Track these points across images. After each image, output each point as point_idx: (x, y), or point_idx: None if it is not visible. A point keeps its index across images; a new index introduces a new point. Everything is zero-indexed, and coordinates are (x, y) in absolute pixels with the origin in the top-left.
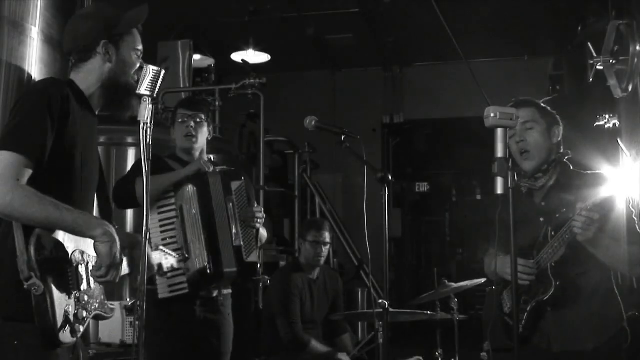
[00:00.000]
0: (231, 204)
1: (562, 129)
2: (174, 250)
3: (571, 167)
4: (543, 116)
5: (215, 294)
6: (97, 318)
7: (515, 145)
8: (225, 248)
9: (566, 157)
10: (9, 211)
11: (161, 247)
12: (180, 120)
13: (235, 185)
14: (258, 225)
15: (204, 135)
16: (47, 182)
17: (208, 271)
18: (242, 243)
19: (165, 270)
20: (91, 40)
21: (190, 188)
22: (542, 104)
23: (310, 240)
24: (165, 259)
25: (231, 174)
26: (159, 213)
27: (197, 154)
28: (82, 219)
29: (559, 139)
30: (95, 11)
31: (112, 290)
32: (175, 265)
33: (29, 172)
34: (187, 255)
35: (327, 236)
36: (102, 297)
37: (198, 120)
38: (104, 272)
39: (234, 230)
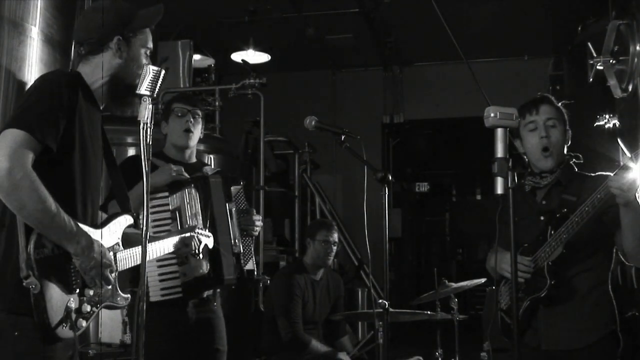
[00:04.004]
0: (232, 210)
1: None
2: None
3: (575, 169)
4: (562, 116)
5: (206, 294)
6: (109, 308)
7: (538, 140)
8: (225, 256)
9: (573, 160)
10: (5, 185)
11: (198, 230)
12: (179, 115)
13: (234, 190)
14: (255, 233)
15: (198, 133)
16: (50, 173)
17: (208, 279)
18: (241, 250)
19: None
20: (105, 34)
21: (190, 191)
22: (561, 106)
23: (321, 240)
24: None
25: (228, 179)
26: (152, 213)
27: (189, 151)
28: (68, 227)
29: (569, 143)
30: (112, 6)
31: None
32: (210, 246)
33: (34, 153)
34: (185, 261)
35: (336, 236)
36: (114, 287)
37: (196, 116)
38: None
39: (234, 238)
